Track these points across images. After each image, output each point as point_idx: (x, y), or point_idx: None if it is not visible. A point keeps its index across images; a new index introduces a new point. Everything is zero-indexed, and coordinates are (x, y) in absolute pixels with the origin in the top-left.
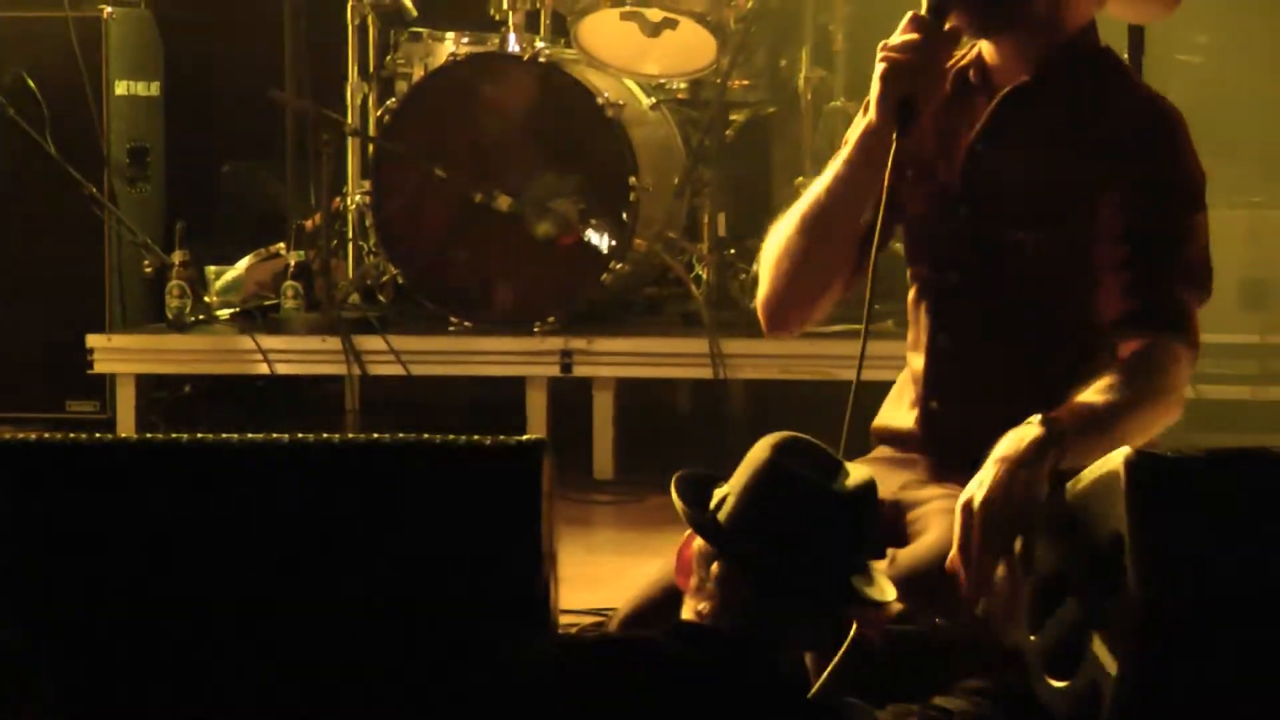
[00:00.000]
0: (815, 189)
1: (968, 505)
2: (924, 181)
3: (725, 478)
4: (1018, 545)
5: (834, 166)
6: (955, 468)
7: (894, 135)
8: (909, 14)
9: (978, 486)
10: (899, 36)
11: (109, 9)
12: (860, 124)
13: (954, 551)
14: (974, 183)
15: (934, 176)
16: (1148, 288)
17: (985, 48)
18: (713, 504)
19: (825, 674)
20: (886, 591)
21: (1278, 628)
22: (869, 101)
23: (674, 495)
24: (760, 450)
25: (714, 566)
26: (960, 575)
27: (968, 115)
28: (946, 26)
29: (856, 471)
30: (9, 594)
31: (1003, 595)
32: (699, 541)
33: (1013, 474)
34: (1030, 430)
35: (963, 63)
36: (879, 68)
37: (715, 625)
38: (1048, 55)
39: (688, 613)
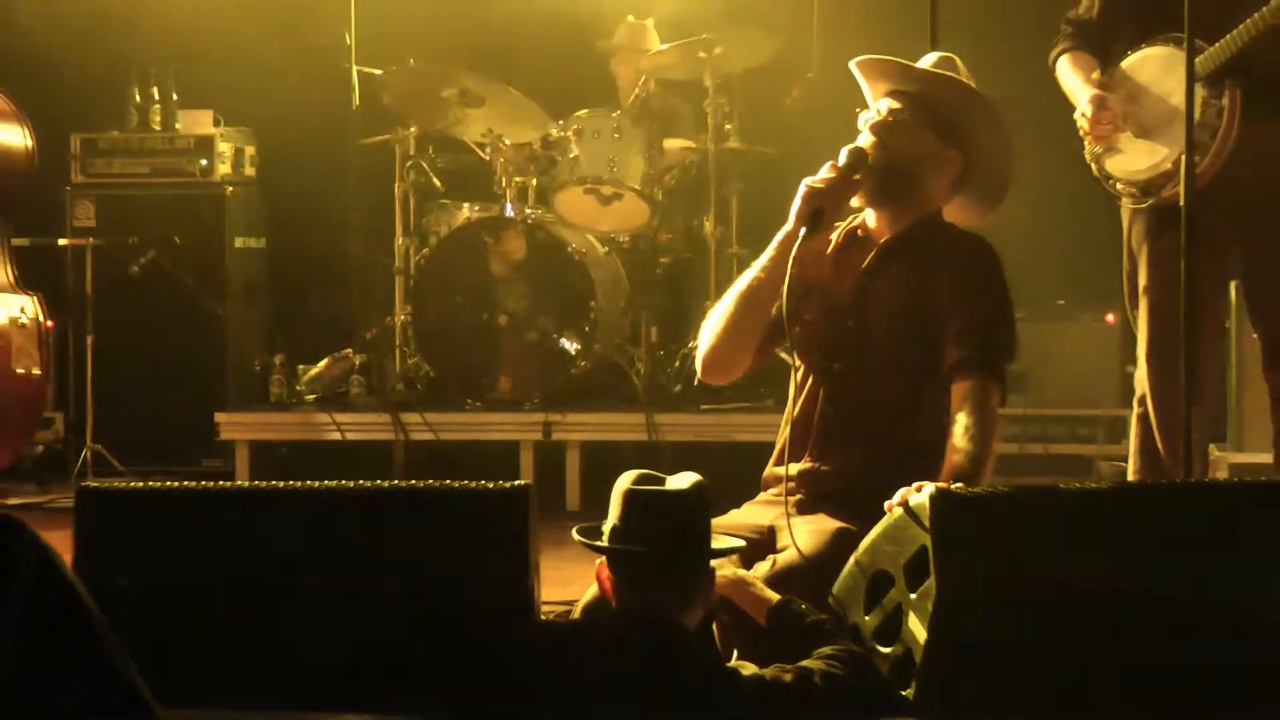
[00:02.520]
0: (745, 276)
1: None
2: (822, 300)
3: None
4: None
5: (759, 261)
6: (820, 503)
7: (801, 233)
8: (830, 162)
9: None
10: (821, 174)
11: (230, 188)
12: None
13: None
14: (859, 304)
15: (830, 298)
16: (977, 348)
17: (868, 215)
18: (606, 536)
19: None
20: (734, 542)
21: (1038, 611)
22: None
23: (576, 538)
24: (620, 486)
25: (618, 577)
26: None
27: (855, 259)
28: (854, 178)
29: (686, 477)
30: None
31: None
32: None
33: None
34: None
35: (853, 224)
36: (802, 190)
37: (638, 609)
38: (911, 223)
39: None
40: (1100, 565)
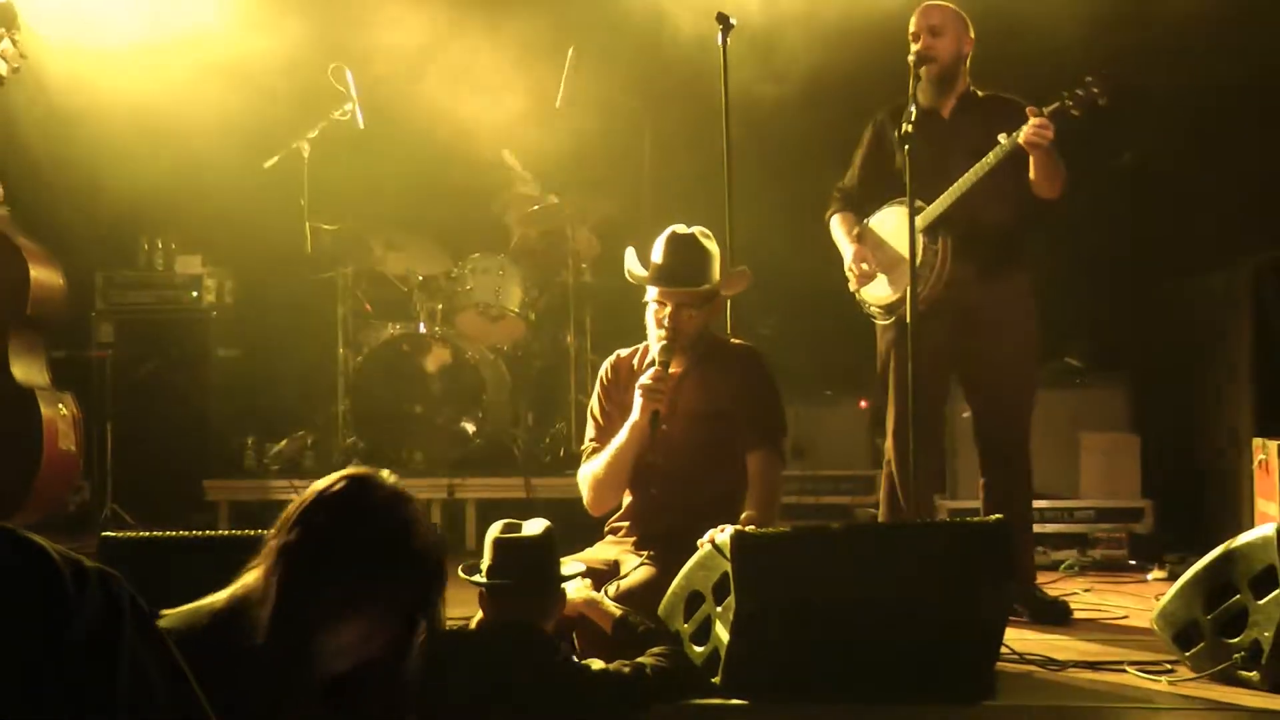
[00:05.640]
0: (606, 454)
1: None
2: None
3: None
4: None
5: (617, 442)
6: (650, 543)
7: (651, 430)
8: (654, 367)
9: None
10: (648, 376)
11: (214, 312)
12: (630, 417)
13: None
14: (668, 413)
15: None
16: (763, 427)
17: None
18: (483, 572)
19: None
20: (577, 568)
21: (810, 617)
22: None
23: (461, 575)
24: (490, 534)
25: (493, 602)
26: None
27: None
28: (671, 370)
29: (538, 524)
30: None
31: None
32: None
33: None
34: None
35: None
36: (639, 393)
37: (512, 621)
38: (703, 348)
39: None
40: (856, 582)
